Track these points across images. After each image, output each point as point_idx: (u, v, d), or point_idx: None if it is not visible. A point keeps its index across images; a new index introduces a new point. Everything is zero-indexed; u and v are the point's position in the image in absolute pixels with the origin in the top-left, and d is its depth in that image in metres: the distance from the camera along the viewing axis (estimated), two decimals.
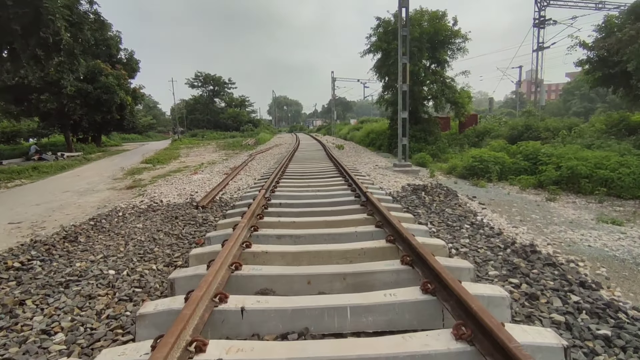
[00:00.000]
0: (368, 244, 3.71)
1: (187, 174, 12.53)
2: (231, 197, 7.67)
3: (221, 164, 16.19)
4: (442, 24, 17.60)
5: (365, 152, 19.10)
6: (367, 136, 24.49)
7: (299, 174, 9.18)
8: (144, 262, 3.96)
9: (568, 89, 64.95)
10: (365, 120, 38.39)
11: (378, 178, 9.49)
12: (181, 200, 7.50)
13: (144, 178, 13.51)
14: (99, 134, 34.66)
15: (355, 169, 10.64)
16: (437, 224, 5.11)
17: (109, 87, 22.70)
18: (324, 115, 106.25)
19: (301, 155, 15.34)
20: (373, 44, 17.68)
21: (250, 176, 10.91)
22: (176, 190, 8.99)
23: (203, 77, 63.33)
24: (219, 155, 23.26)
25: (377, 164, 13.18)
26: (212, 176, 11.42)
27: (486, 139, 18.71)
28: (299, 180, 8.32)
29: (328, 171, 9.69)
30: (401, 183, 8.55)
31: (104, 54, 25.26)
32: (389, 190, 7.72)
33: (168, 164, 18.84)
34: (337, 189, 6.94)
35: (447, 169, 11.53)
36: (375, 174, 10.37)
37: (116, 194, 10.48)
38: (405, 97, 11.40)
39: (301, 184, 7.59)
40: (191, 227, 5.36)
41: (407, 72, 11.42)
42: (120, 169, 16.90)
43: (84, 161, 21.28)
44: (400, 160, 11.47)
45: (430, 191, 7.19)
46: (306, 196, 6.36)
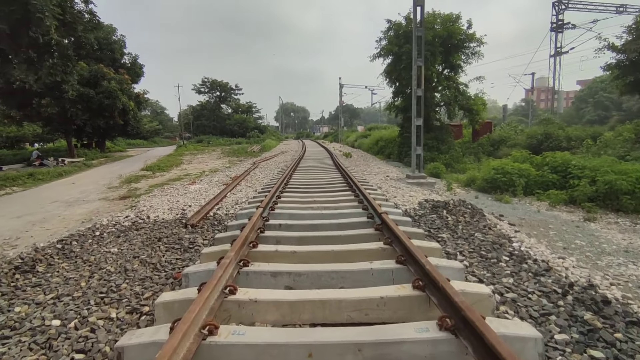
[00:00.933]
0: (389, 291, 2.83)
1: (185, 184, 11.76)
2: (227, 212, 6.85)
3: (222, 172, 15.42)
4: (455, 27, 16.78)
5: (374, 160, 18.22)
6: (375, 144, 23.62)
7: (304, 187, 8.34)
8: (102, 306, 3.13)
9: (581, 97, 63.60)
10: (373, 127, 37.54)
11: (391, 191, 8.61)
12: (170, 216, 6.69)
13: (140, 187, 12.77)
14: (102, 140, 34.28)
15: (365, 180, 9.78)
16: (469, 254, 4.21)
17: (111, 92, 22.18)
18: (331, 122, 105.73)
19: (307, 164, 14.51)
20: (383, 47, 16.90)
21: (251, 187, 10.09)
22: (168, 203, 8.20)
23: (210, 83, 63.10)
24: (222, 162, 22.55)
25: (387, 174, 12.29)
26: (210, 187, 10.63)
27: (502, 148, 17.75)
28: (303, 194, 7.47)
29: (335, 183, 8.84)
30: (417, 198, 7.66)
31: (107, 58, 24.82)
32: (404, 206, 6.84)
33: (169, 172, 18.15)
34: (346, 206, 6.08)
35: (464, 181, 10.62)
36: (387, 186, 9.49)
37: (107, 205, 9.72)
38: (420, 102, 10.54)
39: (305, 199, 6.74)
40: (174, 253, 4.53)
41: (422, 76, 10.57)
42: (118, 177, 16.22)
43: (83, 167, 20.69)
44: (414, 171, 10.58)
45: (453, 209, 6.28)
46: (310, 216, 5.50)
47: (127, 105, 23.98)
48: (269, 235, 4.44)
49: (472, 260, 4.04)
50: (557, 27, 22.61)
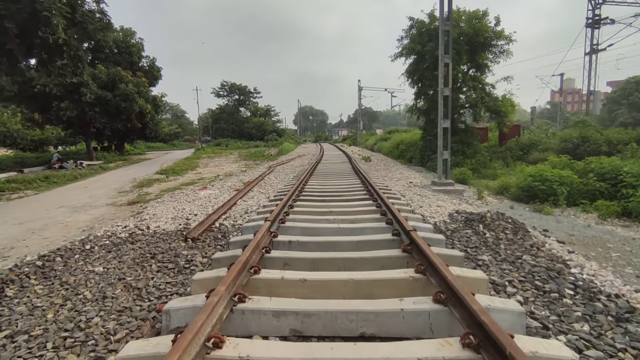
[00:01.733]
0: (430, 350, 2.08)
1: (196, 189, 11.24)
2: (234, 223, 6.20)
3: (237, 176, 14.90)
4: (482, 25, 15.78)
5: (395, 165, 17.35)
6: (396, 147, 22.70)
7: (320, 195, 7.62)
8: (60, 351, 2.49)
9: (613, 98, 60.71)
10: (393, 130, 36.55)
11: (416, 200, 7.79)
12: (172, 227, 6.09)
13: (151, 192, 12.36)
14: (121, 143, 34.53)
15: (387, 187, 8.99)
16: (520, 284, 3.40)
17: (128, 95, 22.09)
18: (350, 125, 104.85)
19: (324, 169, 13.81)
20: (405, 46, 16.05)
21: (264, 193, 9.46)
22: (174, 210, 7.63)
23: (229, 86, 63.41)
24: (238, 166, 22.13)
25: (410, 180, 11.45)
26: (221, 193, 10.05)
27: (532, 152, 16.59)
28: (319, 202, 6.76)
29: (354, 190, 8.09)
30: (446, 208, 6.83)
31: (125, 61, 24.86)
32: (432, 219, 6.03)
33: (183, 175, 17.79)
34: (367, 218, 5.33)
35: (496, 189, 9.68)
36: (410, 194, 8.68)
37: (113, 211, 9.27)
38: (447, 103, 9.69)
39: (320, 210, 6.02)
40: (165, 275, 3.89)
41: (450, 74, 9.72)
42: (131, 180, 15.93)
43: (100, 170, 20.61)
44: (440, 177, 9.71)
45: (491, 224, 5.43)
46: (326, 231, 4.78)
47: (144, 108, 23.88)
48: (275, 256, 3.74)
49: (527, 293, 3.22)
50: (593, 22, 21.09)
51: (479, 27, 15.67)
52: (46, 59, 10.94)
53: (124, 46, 24.91)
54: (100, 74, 21.61)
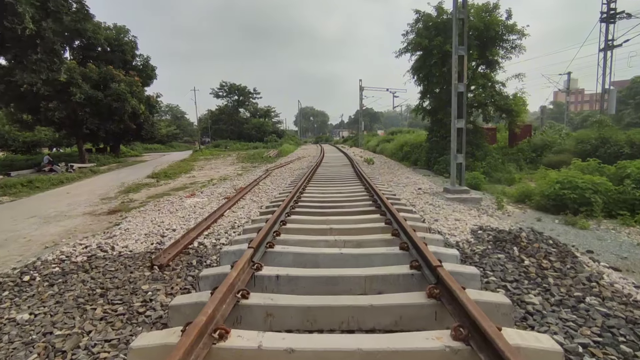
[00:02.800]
0: None
1: (183, 196, 10.25)
2: (216, 242, 5.21)
3: (231, 181, 13.91)
4: (493, 18, 14.78)
5: (399, 168, 16.34)
6: (400, 149, 21.68)
7: (318, 206, 6.63)
8: None
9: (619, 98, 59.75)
10: (396, 131, 35.52)
11: (428, 212, 6.80)
12: (142, 247, 5.11)
13: (136, 198, 11.38)
14: (117, 144, 33.63)
15: (394, 195, 7.99)
16: (599, 350, 2.39)
17: (120, 95, 21.12)
18: (351, 126, 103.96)
19: (324, 173, 12.82)
20: (411, 41, 15.04)
21: (256, 202, 8.47)
22: (152, 224, 6.65)
23: (228, 87, 62.48)
24: (235, 169, 21.15)
25: (419, 185, 10.45)
26: (210, 201, 9.06)
27: (546, 154, 15.58)
28: (317, 216, 5.77)
29: (358, 199, 7.10)
30: (467, 223, 5.82)
31: (118, 59, 23.89)
32: (453, 237, 5.04)
33: (175, 179, 16.82)
34: (375, 240, 4.33)
35: (516, 197, 8.67)
36: (421, 203, 7.68)
37: (89, 222, 8.29)
38: (462, 100, 8.68)
39: (318, 228, 5.02)
40: (109, 326, 2.89)
41: (465, 68, 8.72)
42: (119, 185, 14.96)
43: (89, 174, 19.65)
44: (454, 184, 8.70)
45: (528, 246, 4.42)
46: (325, 259, 3.78)
47: (137, 109, 22.90)
48: (255, 303, 2.74)
49: None
50: (608, 17, 20.03)
51: (489, 21, 14.67)
52: (19, 53, 10.02)
53: (117, 44, 23.94)
54: (91, 73, 20.66)
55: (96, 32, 21.88)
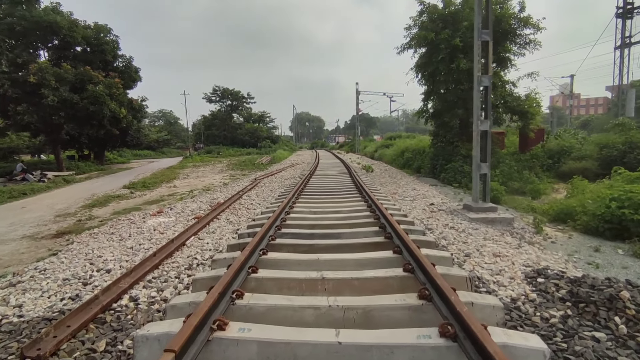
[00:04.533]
0: None
1: (149, 214, 8.58)
2: (155, 296, 3.57)
3: (213, 193, 12.27)
4: (505, 10, 13.32)
5: (402, 177, 14.75)
6: (401, 155, 20.10)
7: (307, 233, 4.99)
8: None
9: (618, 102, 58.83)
10: (394, 136, 33.98)
11: (452, 239, 5.19)
12: (44, 307, 3.45)
13: (98, 215, 9.70)
14: (101, 151, 31.86)
15: (402, 214, 6.37)
16: None
17: (98, 97, 19.40)
18: (347, 131, 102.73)
19: (318, 183, 11.20)
20: (415, 36, 13.49)
21: (233, 223, 6.83)
22: (84, 260, 4.99)
23: (221, 91, 60.76)
24: (222, 177, 19.49)
25: (429, 199, 8.86)
26: (177, 221, 7.40)
27: (566, 161, 14.08)
28: (304, 254, 4.15)
29: (359, 223, 5.49)
30: (512, 259, 4.22)
31: (97, 60, 22.19)
32: (501, 288, 3.43)
33: (154, 190, 15.13)
34: (393, 309, 2.70)
35: (551, 214, 7.09)
36: (439, 226, 6.08)
37: (23, 249, 6.60)
38: (487, 96, 7.13)
39: (304, 277, 3.40)
40: None
41: (490, 57, 7.17)
42: (88, 197, 13.26)
43: (61, 184, 17.89)
44: (477, 200, 7.10)
45: (637, 315, 2.81)
46: (313, 327, 2.16)
47: (118, 113, 21.17)
48: None
49: None
50: (625, 12, 18.64)
51: (501, 14, 13.19)
52: None
53: (96, 44, 22.25)
54: (66, 74, 18.96)
55: (72, 30, 20.20)
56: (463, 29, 12.50)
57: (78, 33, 20.47)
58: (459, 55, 12.45)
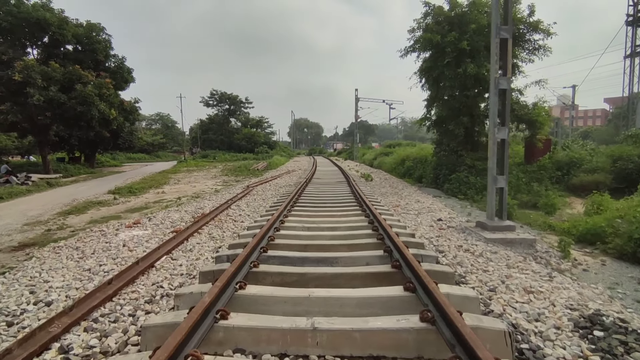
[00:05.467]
0: None
1: (125, 224, 7.73)
2: (94, 346, 2.73)
3: (201, 201, 11.44)
4: (513, 14, 12.64)
5: (404, 187, 13.95)
6: (401, 164, 19.33)
7: (298, 257, 4.17)
8: None
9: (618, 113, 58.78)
10: (394, 144, 33.27)
11: (469, 266, 4.39)
12: None
13: (73, 224, 8.85)
14: (92, 153, 30.93)
15: (407, 231, 5.57)
16: None
17: (86, 98, 18.56)
18: (345, 139, 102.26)
19: (314, 192, 10.40)
20: (419, 39, 12.79)
21: (215, 239, 6.01)
22: (20, 286, 4.14)
23: (219, 95, 60.14)
24: (215, 183, 18.66)
25: (436, 213, 8.06)
26: (153, 235, 6.55)
27: (576, 173, 13.32)
28: (293, 287, 3.33)
29: (360, 244, 4.69)
30: (549, 297, 3.41)
31: (88, 59, 21.37)
32: (549, 345, 2.61)
33: (140, 196, 14.27)
34: None
35: (576, 235, 6.30)
36: (451, 246, 5.28)
37: None
38: (506, 100, 6.38)
39: (293, 302, 2.60)
40: None
41: (510, 57, 6.42)
42: (68, 203, 12.38)
43: (44, 187, 16.99)
44: (493, 217, 6.31)
45: None
46: None
47: (107, 114, 20.32)
48: None
49: None
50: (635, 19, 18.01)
51: None
52: None
53: (87, 42, 21.48)
54: (54, 73, 18.15)
55: (62, 28, 19.43)
56: (470, 31, 11.81)
57: (68, 31, 19.70)
58: (466, 60, 11.75)
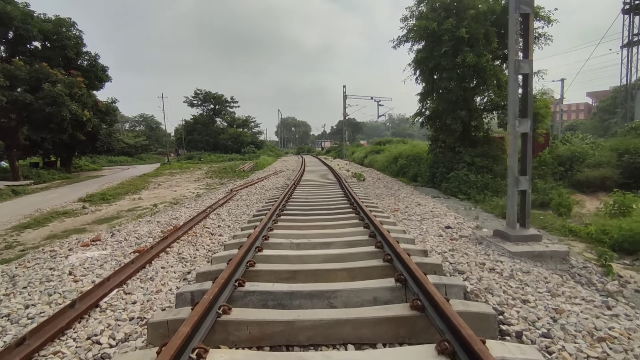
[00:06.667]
0: None
1: (82, 241, 6.61)
2: None
3: (179, 208, 10.34)
4: None
5: (399, 187, 13.04)
6: (394, 162, 18.43)
7: (284, 291, 3.18)
8: None
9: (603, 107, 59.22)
10: (384, 141, 32.47)
11: (498, 290, 3.47)
12: None
13: (26, 241, 7.71)
14: (69, 157, 29.32)
15: (418, 247, 4.62)
16: None
17: (55, 98, 17.17)
18: (333, 137, 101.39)
19: (304, 196, 9.41)
20: (412, 27, 11.86)
21: (184, 261, 4.97)
22: None
23: (203, 95, 58.52)
24: (197, 186, 17.50)
25: (441, 219, 7.13)
26: (109, 257, 5.45)
27: (579, 168, 12.60)
28: (278, 324, 2.35)
29: (361, 265, 3.74)
30: (633, 347, 2.48)
31: (58, 57, 19.90)
32: None
33: (114, 203, 13.06)
34: None
35: (608, 242, 5.44)
36: (471, 263, 4.35)
37: None
38: (528, 87, 5.47)
39: None
40: None
41: (531, 35, 5.50)
42: (30, 214, 11.13)
43: (7, 196, 15.54)
44: (514, 225, 5.38)
45: None
46: None
47: (80, 115, 18.93)
48: None
49: None
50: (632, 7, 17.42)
51: (506, 5, 11.73)
52: None
53: (56, 38, 20.00)
54: (18, 71, 16.72)
55: (26, 22, 17.96)
56: (469, 18, 10.94)
57: (34, 26, 18.24)
58: (464, 48, 10.88)
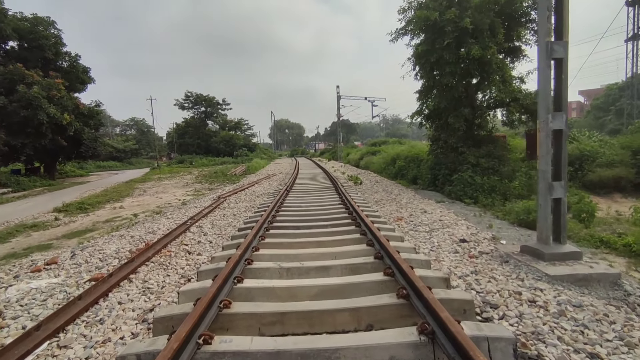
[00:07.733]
0: None
1: (35, 265, 5.65)
2: None
3: (160, 219, 9.39)
4: None
5: (399, 191, 12.18)
6: (392, 164, 17.60)
7: (269, 350, 2.29)
8: None
9: (597, 105, 59.11)
10: (379, 142, 31.67)
11: (547, 334, 2.60)
12: None
13: None
14: (52, 163, 28.11)
15: (430, 268, 3.76)
16: None
17: (31, 101, 16.11)
18: (327, 138, 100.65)
19: (297, 205, 8.51)
20: (412, 19, 11.01)
21: (149, 293, 4.05)
22: None
23: (194, 97, 57.38)
24: (184, 192, 16.54)
25: (453, 230, 6.27)
26: (62, 285, 4.50)
27: (590, 168, 11.84)
28: None
29: (368, 305, 2.86)
30: None
31: (35, 57, 18.84)
32: None
33: (92, 213, 12.06)
34: None
35: None
36: (506, 295, 3.49)
37: None
38: (562, 75, 4.61)
39: None
40: None
41: (567, 12, 4.63)
42: None
43: None
44: (548, 241, 4.51)
45: None
46: None
47: (60, 119, 17.87)
48: None
49: None
50: None
51: None
52: None
53: (33, 38, 18.93)
54: None
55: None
56: (472, 7, 10.13)
57: (7, 24, 17.16)
58: (469, 40, 10.07)
